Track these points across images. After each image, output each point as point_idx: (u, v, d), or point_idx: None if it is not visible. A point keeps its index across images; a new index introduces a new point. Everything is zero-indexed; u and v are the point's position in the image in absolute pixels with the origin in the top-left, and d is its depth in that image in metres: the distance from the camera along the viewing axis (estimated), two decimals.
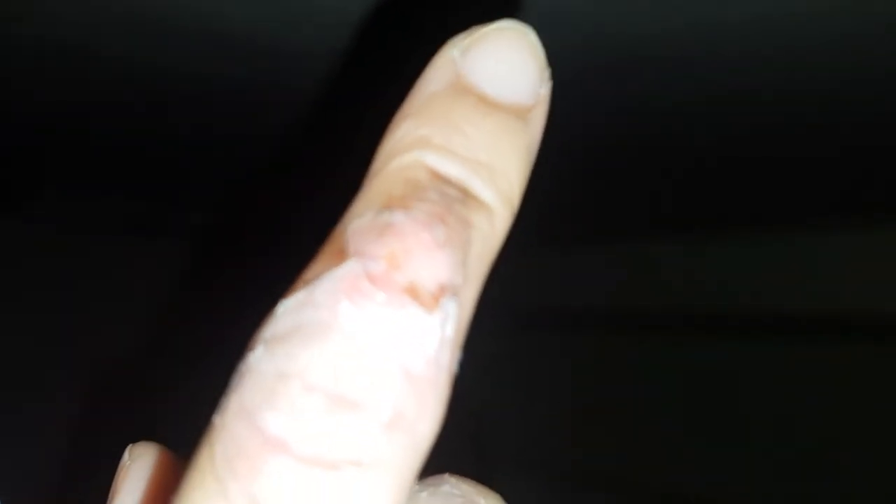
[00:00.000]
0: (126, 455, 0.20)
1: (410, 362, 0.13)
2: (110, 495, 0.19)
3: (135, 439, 0.20)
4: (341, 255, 0.14)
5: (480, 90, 0.15)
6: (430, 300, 0.13)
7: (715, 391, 0.68)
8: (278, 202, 0.60)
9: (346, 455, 0.12)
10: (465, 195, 0.15)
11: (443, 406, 0.14)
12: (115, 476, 0.19)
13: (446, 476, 0.18)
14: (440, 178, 0.15)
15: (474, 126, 0.15)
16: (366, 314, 0.13)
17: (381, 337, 0.13)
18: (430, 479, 0.18)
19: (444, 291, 0.14)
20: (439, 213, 0.14)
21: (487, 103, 0.15)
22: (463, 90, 0.15)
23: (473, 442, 0.86)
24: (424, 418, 0.13)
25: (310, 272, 0.14)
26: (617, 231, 0.67)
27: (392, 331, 0.13)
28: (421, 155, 0.15)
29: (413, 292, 0.13)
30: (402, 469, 0.13)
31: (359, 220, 0.14)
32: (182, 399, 0.65)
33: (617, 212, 0.63)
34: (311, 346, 0.13)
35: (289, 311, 0.13)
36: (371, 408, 0.13)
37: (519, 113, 0.16)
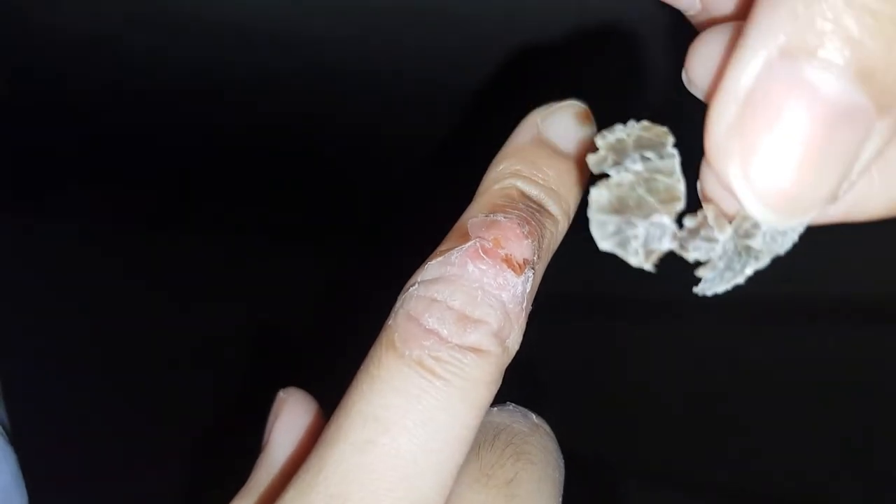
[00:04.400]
0: (280, 394, 0.29)
1: (507, 302, 0.22)
2: (270, 419, 0.28)
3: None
4: (465, 237, 0.23)
5: (553, 144, 0.25)
6: (517, 268, 0.23)
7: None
8: (298, 196, 0.63)
9: (472, 343, 0.22)
10: (541, 209, 0.24)
11: (521, 334, 0.23)
12: (273, 408, 0.28)
13: (509, 403, 0.27)
14: (526, 197, 0.24)
15: (549, 167, 0.25)
16: (482, 272, 0.22)
17: (491, 285, 0.22)
18: (497, 405, 0.27)
19: (526, 263, 0.23)
20: (525, 217, 0.24)
21: (557, 153, 0.25)
22: (543, 143, 0.25)
23: None
24: (513, 338, 0.22)
25: (444, 246, 0.23)
26: None
27: (497, 282, 0.22)
28: (514, 182, 0.24)
29: (509, 262, 0.23)
30: (500, 362, 0.22)
31: (475, 218, 0.24)
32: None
33: None
34: (451, 286, 0.22)
35: (433, 267, 0.23)
36: (486, 322, 0.22)
37: (576, 159, 0.25)
